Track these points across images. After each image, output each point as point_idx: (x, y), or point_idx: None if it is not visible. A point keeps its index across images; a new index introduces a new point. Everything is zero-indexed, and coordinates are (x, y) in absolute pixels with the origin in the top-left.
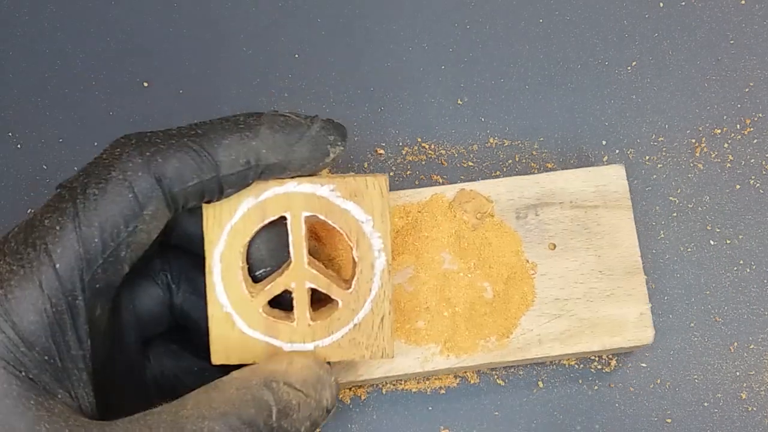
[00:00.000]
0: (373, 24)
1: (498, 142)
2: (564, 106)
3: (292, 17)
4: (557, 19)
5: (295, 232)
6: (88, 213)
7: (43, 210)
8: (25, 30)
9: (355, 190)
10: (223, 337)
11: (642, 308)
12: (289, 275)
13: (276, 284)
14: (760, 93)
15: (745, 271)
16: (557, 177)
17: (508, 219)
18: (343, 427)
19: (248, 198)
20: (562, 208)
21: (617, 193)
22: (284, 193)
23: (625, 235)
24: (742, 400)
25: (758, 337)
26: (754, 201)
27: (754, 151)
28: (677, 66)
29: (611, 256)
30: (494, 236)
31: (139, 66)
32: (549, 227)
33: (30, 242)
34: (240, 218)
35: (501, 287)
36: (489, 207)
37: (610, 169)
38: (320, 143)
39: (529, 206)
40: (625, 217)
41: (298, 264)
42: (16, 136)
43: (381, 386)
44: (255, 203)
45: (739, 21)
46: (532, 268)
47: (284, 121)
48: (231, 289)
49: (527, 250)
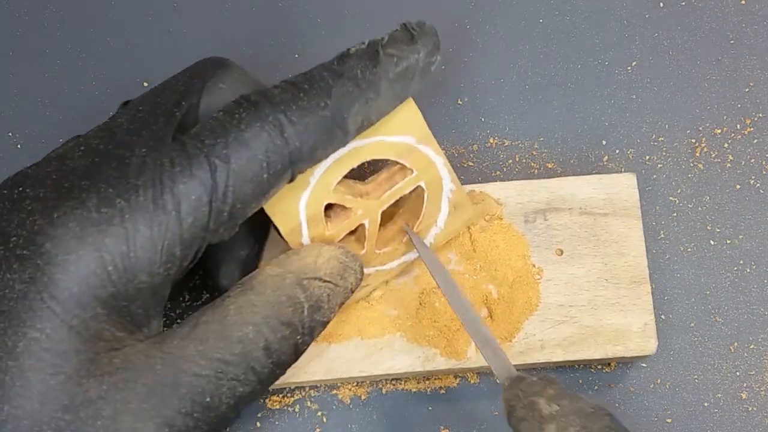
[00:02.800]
0: (373, 24)
1: (498, 142)
2: (564, 106)
3: (292, 17)
4: (557, 19)
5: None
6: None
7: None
8: (25, 30)
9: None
10: None
11: (647, 318)
12: (365, 210)
13: (351, 220)
14: (760, 93)
15: (745, 271)
16: (567, 183)
17: (516, 222)
18: (343, 427)
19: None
20: (571, 214)
21: (627, 201)
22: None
23: (634, 244)
24: (742, 400)
25: (758, 337)
26: (754, 201)
27: (754, 151)
28: (677, 66)
29: (618, 265)
30: (502, 239)
31: (139, 66)
32: (557, 233)
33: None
34: (329, 166)
35: (506, 290)
36: (498, 210)
37: (621, 177)
38: (426, 69)
39: (538, 211)
40: (634, 226)
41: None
42: (16, 136)
43: (381, 386)
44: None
45: (739, 21)
46: (538, 273)
47: (401, 72)
48: (314, 229)
49: (534, 254)
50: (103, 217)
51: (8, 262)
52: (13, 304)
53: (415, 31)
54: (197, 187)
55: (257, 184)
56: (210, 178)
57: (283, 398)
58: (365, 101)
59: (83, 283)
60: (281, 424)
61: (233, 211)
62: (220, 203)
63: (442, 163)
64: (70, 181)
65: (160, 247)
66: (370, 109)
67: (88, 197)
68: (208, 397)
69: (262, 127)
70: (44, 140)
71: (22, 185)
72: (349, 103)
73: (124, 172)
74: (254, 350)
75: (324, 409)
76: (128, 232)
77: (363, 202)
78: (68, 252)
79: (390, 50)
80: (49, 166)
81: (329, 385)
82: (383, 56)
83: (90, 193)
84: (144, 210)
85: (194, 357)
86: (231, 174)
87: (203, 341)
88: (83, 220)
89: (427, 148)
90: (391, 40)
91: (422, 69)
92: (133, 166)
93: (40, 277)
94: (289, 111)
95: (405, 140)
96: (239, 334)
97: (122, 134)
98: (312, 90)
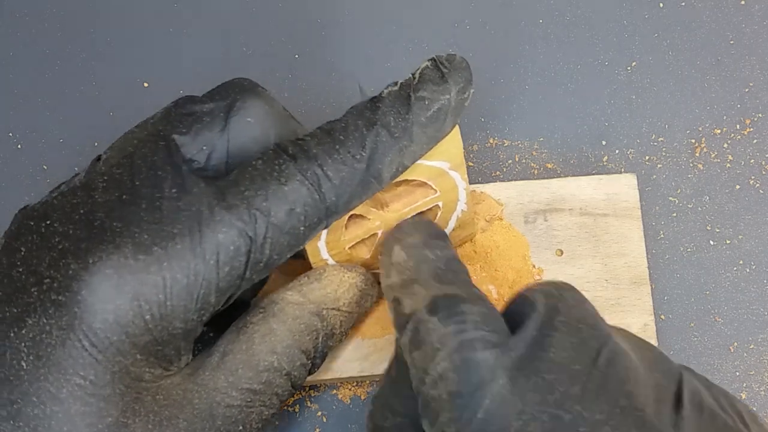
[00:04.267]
0: (373, 24)
1: (498, 142)
2: (564, 106)
3: (292, 17)
4: (557, 19)
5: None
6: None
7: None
8: (25, 30)
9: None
10: None
11: (646, 319)
12: (382, 222)
13: (367, 229)
14: (760, 93)
15: (745, 271)
16: (568, 183)
17: (516, 223)
18: (343, 427)
19: None
20: (571, 215)
21: (627, 202)
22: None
23: (634, 244)
24: (742, 400)
25: (758, 337)
26: (754, 201)
27: (754, 151)
28: (677, 66)
29: (618, 265)
30: (502, 239)
31: (139, 66)
32: (557, 233)
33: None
34: None
35: (506, 291)
36: (498, 210)
37: (621, 177)
38: (459, 107)
39: (539, 211)
40: (635, 226)
41: (394, 214)
42: (16, 136)
43: None
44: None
45: (739, 21)
46: (538, 273)
47: (432, 116)
48: (332, 234)
49: (534, 255)
50: (140, 265)
51: (44, 306)
52: (52, 350)
53: (445, 68)
54: (236, 238)
55: (294, 236)
56: (250, 230)
57: None
58: (399, 150)
59: (122, 332)
60: (281, 424)
61: (269, 261)
62: (258, 254)
63: (464, 187)
64: (100, 219)
65: (196, 295)
66: (403, 156)
67: (122, 242)
68: (240, 425)
69: (302, 182)
70: (44, 140)
71: (49, 218)
72: (383, 154)
73: (158, 218)
74: (278, 377)
75: (324, 409)
76: (165, 281)
77: (383, 215)
78: (106, 301)
79: (421, 93)
80: (74, 197)
81: (329, 385)
82: (414, 100)
83: (124, 238)
84: (181, 258)
85: (226, 389)
86: (270, 227)
87: (233, 372)
88: (120, 267)
89: (456, 173)
90: (421, 81)
91: (455, 108)
92: (166, 211)
93: (78, 325)
94: (326, 165)
95: (441, 165)
96: (265, 363)
97: (145, 166)
98: (347, 141)
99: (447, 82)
